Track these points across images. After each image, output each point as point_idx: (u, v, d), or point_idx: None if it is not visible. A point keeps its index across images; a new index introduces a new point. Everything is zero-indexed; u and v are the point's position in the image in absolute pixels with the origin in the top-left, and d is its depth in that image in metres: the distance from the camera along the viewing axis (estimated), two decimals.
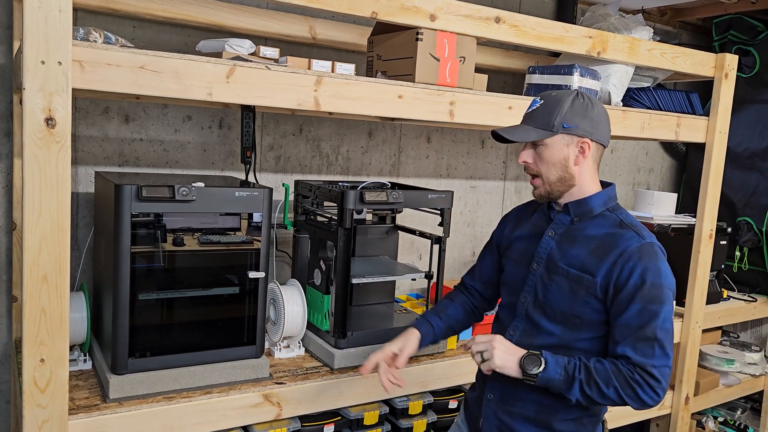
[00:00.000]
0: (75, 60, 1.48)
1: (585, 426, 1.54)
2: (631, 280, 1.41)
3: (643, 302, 1.40)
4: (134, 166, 2.30)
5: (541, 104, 1.51)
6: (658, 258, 1.44)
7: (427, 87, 2.00)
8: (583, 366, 1.42)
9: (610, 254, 1.44)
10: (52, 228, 1.49)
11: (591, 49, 2.34)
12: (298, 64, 1.86)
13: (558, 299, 1.49)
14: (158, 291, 1.80)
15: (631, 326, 1.40)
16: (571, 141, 1.49)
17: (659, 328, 1.39)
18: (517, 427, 1.54)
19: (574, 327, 1.48)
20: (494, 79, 3.16)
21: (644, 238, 1.45)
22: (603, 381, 1.39)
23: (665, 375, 1.39)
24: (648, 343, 1.39)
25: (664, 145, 4.07)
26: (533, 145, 1.51)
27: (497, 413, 1.57)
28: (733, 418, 3.59)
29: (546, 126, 1.48)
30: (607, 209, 1.53)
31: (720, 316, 3.21)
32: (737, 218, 3.63)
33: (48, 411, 1.53)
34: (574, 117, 1.47)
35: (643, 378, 1.38)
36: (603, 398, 1.40)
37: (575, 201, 1.53)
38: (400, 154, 2.95)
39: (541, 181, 1.53)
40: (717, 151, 2.77)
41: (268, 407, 1.88)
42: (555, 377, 1.42)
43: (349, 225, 2.02)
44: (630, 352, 1.39)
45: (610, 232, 1.48)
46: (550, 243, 1.54)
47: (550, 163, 1.50)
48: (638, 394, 1.38)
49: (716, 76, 2.73)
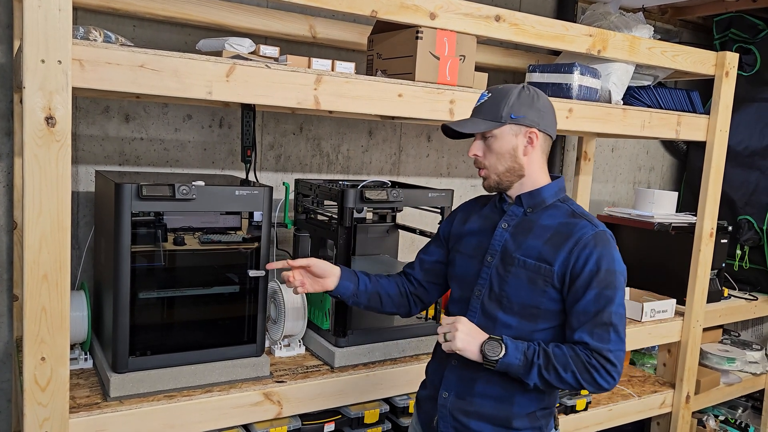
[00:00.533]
0: (75, 59, 1.48)
1: (539, 420, 1.56)
2: (587, 267, 1.44)
3: (599, 288, 1.44)
4: (134, 165, 2.30)
5: (489, 97, 1.53)
6: (611, 245, 1.49)
7: (427, 85, 2.00)
8: (542, 351, 1.45)
9: (566, 243, 1.47)
10: (53, 227, 1.49)
11: (591, 47, 2.34)
12: (298, 63, 1.86)
13: (515, 290, 1.50)
14: (159, 290, 1.81)
15: (587, 312, 1.44)
16: (519, 131, 1.51)
17: (614, 314, 1.44)
18: (473, 426, 1.53)
19: (531, 318, 1.50)
20: (494, 78, 3.16)
21: (597, 227, 1.49)
22: (561, 366, 1.43)
23: (620, 359, 1.44)
24: (604, 328, 1.43)
25: (664, 144, 4.07)
26: (483, 138, 1.53)
27: (453, 412, 1.56)
28: (734, 416, 3.59)
29: (494, 117, 1.50)
30: (558, 200, 1.57)
31: (721, 314, 3.21)
32: (738, 217, 3.63)
33: (49, 409, 1.53)
34: (522, 107, 1.50)
35: (600, 362, 1.42)
36: (561, 382, 1.44)
37: (528, 192, 1.55)
38: (400, 153, 2.95)
39: (488, 172, 1.55)
40: (717, 150, 2.77)
41: (268, 406, 1.88)
42: (514, 362, 1.44)
43: (349, 224, 2.02)
44: (587, 337, 1.43)
45: (564, 221, 1.51)
46: (504, 235, 1.55)
47: (499, 153, 1.52)
48: (595, 378, 1.42)
49: (717, 75, 2.73)
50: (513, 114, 1.49)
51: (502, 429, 1.53)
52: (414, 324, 2.24)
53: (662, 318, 2.86)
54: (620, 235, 3.31)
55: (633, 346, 2.75)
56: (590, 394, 2.65)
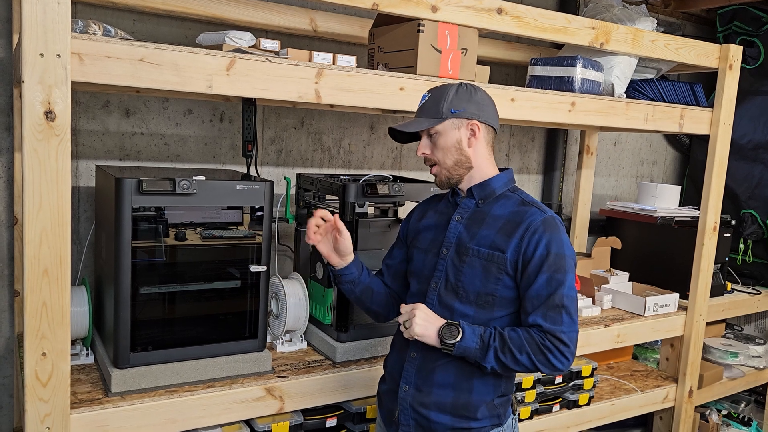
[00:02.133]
0: (74, 52, 1.47)
1: (497, 408, 1.59)
2: (537, 251, 1.49)
3: (550, 272, 1.48)
4: (135, 159, 2.29)
5: (429, 97, 1.59)
6: (560, 230, 1.53)
7: (429, 79, 1.99)
8: (498, 334, 1.49)
9: (517, 230, 1.52)
10: (53, 222, 1.48)
11: (594, 40, 2.32)
12: (298, 57, 1.85)
13: (470, 279, 1.54)
14: (160, 285, 1.80)
15: (540, 296, 1.49)
16: (461, 124, 1.56)
17: (565, 296, 1.48)
18: (434, 417, 1.56)
19: (487, 306, 1.54)
20: (497, 71, 3.14)
21: (545, 213, 1.54)
22: (516, 348, 1.47)
23: (573, 340, 1.49)
24: (557, 310, 1.47)
25: (667, 138, 4.05)
26: (428, 136, 1.59)
27: (413, 405, 1.59)
28: (737, 410, 3.58)
29: (435, 114, 1.56)
30: (508, 190, 1.62)
31: (724, 308, 3.20)
32: (741, 210, 3.61)
33: (50, 405, 1.53)
34: (461, 102, 1.56)
35: (554, 344, 1.46)
36: (516, 364, 1.48)
37: (478, 184, 1.60)
38: (402, 147, 2.93)
39: (439, 168, 1.59)
40: (721, 143, 2.76)
41: (270, 401, 1.87)
42: (471, 346, 1.48)
43: (351, 218, 2.01)
44: (541, 320, 1.48)
45: (514, 210, 1.56)
46: (458, 227, 1.60)
47: (445, 148, 1.57)
48: (549, 359, 1.46)
49: (720, 67, 2.71)
50: (453, 109, 1.55)
51: (461, 419, 1.56)
52: None
53: (665, 312, 2.85)
54: (622, 229, 3.30)
55: (635, 340, 2.74)
56: (593, 389, 2.64)
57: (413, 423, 1.59)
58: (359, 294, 1.74)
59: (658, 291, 2.96)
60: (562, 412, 2.56)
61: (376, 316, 1.81)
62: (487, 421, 1.58)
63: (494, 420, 1.59)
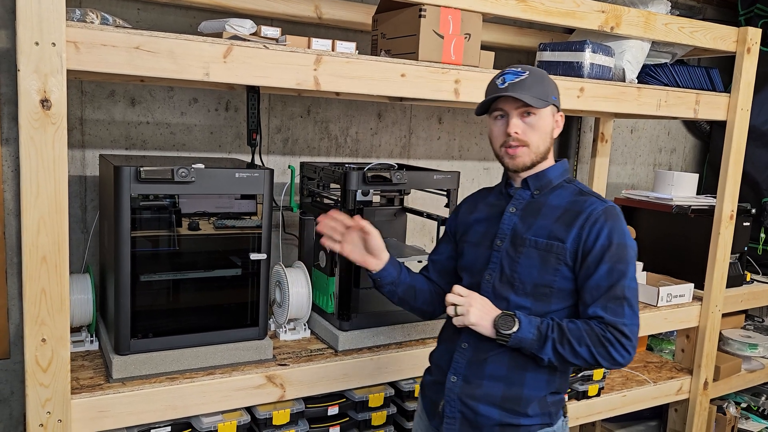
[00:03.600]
0: (70, 41, 1.48)
1: (549, 406, 1.54)
2: (598, 241, 1.45)
3: (611, 262, 1.44)
4: (141, 149, 2.31)
5: (528, 75, 1.51)
6: (621, 220, 1.49)
7: (431, 65, 1.96)
8: (556, 325, 1.44)
9: (577, 219, 1.48)
10: (50, 209, 1.50)
11: (604, 24, 2.26)
12: (297, 43, 1.84)
13: (527, 271, 1.50)
14: (160, 272, 1.81)
15: (601, 287, 1.44)
16: (554, 111, 1.55)
17: (627, 287, 1.44)
18: (482, 410, 1.51)
19: (544, 298, 1.49)
20: (507, 57, 3.09)
21: (606, 203, 1.51)
22: (576, 340, 1.42)
23: (635, 333, 1.44)
24: (618, 302, 1.43)
25: (687, 125, 3.95)
26: (521, 117, 1.51)
27: (461, 396, 1.54)
28: (757, 403, 3.50)
29: (543, 96, 1.50)
30: (564, 181, 1.59)
31: (743, 299, 3.12)
32: (762, 199, 3.52)
33: (50, 390, 1.55)
34: (555, 90, 1.55)
35: (615, 336, 1.41)
36: (575, 357, 1.43)
37: (534, 174, 1.57)
38: (410, 136, 2.91)
39: (527, 150, 1.52)
40: (738, 129, 2.68)
41: (271, 388, 1.88)
42: (528, 336, 1.44)
43: (353, 206, 2.00)
44: (602, 312, 1.43)
45: (572, 200, 1.53)
46: (512, 219, 1.56)
47: (543, 132, 1.53)
48: (610, 352, 1.41)
49: (738, 51, 2.63)
50: (553, 95, 1.53)
51: (510, 414, 1.50)
52: None
53: (679, 303, 2.79)
54: (638, 218, 3.24)
55: (648, 331, 2.69)
56: (603, 380, 2.60)
57: (459, 415, 1.54)
58: (402, 294, 1.68)
59: (673, 281, 2.90)
60: (571, 403, 2.53)
61: (422, 314, 1.75)
62: (538, 419, 1.52)
63: (545, 419, 1.53)
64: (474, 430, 1.53)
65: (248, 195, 1.89)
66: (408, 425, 2.15)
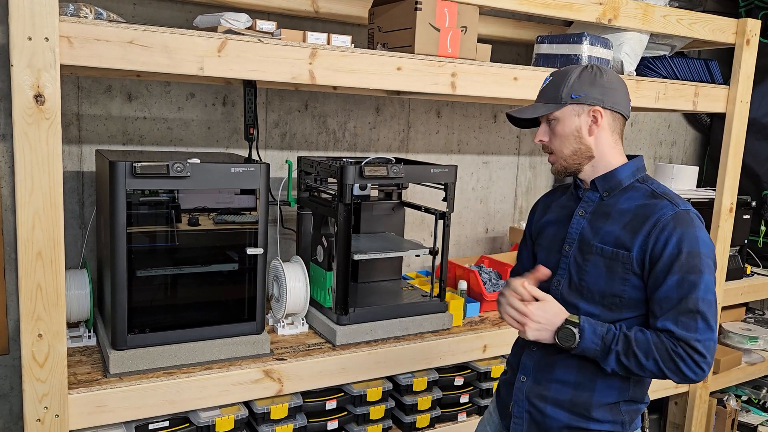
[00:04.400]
0: (63, 36, 1.48)
1: (622, 414, 1.47)
2: (666, 250, 1.35)
3: (681, 273, 1.34)
4: (138, 144, 2.31)
5: (551, 80, 1.49)
6: (695, 225, 1.37)
7: (427, 58, 1.95)
8: (622, 336, 1.37)
9: (644, 226, 1.38)
10: (45, 204, 1.50)
11: (601, 16, 2.25)
12: (292, 37, 1.83)
13: (595, 279, 1.43)
14: (157, 268, 1.81)
15: (670, 299, 1.35)
16: (581, 110, 1.44)
17: (701, 300, 1.33)
18: (549, 412, 1.48)
19: (614, 307, 1.43)
20: (506, 50, 3.08)
21: (678, 206, 1.39)
22: (643, 352, 1.34)
23: (710, 349, 1.34)
24: (690, 316, 1.33)
25: (687, 117, 3.94)
26: (547, 122, 1.48)
27: (529, 397, 1.52)
28: (758, 396, 3.50)
29: (554, 99, 1.45)
30: (636, 180, 1.47)
31: (743, 292, 3.12)
32: (762, 192, 3.50)
33: (47, 385, 1.56)
34: (582, 86, 1.44)
35: (687, 352, 1.32)
36: (642, 370, 1.36)
37: (602, 175, 1.48)
38: (409, 130, 2.90)
39: (555, 157, 1.49)
40: (738, 122, 2.67)
41: (268, 383, 1.88)
42: (591, 347, 1.38)
43: (349, 200, 2.00)
44: (672, 326, 1.34)
45: (642, 203, 1.42)
46: (581, 222, 1.49)
47: (563, 136, 1.46)
48: (681, 368, 1.33)
49: (737, 43, 2.61)
50: (573, 94, 1.43)
51: (579, 418, 1.46)
52: (417, 302, 2.22)
53: None
54: None
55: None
56: None
57: (526, 416, 1.52)
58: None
59: None
60: None
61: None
62: (609, 426, 1.46)
63: (617, 426, 1.47)
64: (541, 431, 1.51)
65: (247, 190, 1.88)
66: (406, 419, 2.15)
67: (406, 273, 2.76)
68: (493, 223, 3.22)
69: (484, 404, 2.33)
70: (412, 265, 2.93)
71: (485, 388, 2.32)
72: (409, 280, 2.55)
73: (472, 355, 2.26)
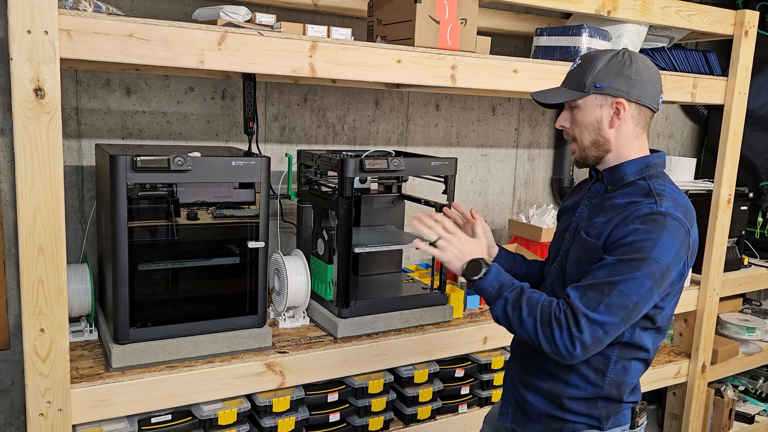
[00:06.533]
0: (62, 29, 1.47)
1: (599, 410, 1.45)
2: (621, 238, 1.31)
3: (617, 258, 1.29)
4: (137, 138, 2.30)
5: (578, 64, 1.43)
6: (665, 229, 1.29)
7: (427, 51, 1.95)
8: (518, 289, 1.37)
9: (617, 218, 1.35)
10: (46, 198, 1.49)
11: (601, 7, 2.25)
12: (292, 30, 1.82)
13: (572, 268, 1.44)
14: (158, 262, 1.81)
15: (595, 275, 1.31)
16: (604, 102, 1.39)
17: (618, 291, 1.27)
18: (529, 398, 1.52)
19: None
20: (505, 43, 3.08)
21: (659, 207, 1.31)
22: (528, 308, 1.32)
23: (593, 332, 1.27)
24: (598, 296, 1.28)
25: (684, 109, 3.94)
26: (570, 108, 1.44)
27: (515, 382, 1.56)
28: (755, 386, 3.52)
29: (577, 86, 1.40)
30: (642, 178, 1.41)
31: (740, 283, 3.13)
32: (760, 183, 3.52)
33: (50, 379, 1.56)
34: (608, 76, 1.37)
35: (568, 322, 1.28)
36: (520, 326, 1.33)
37: (608, 168, 1.45)
38: (408, 123, 2.90)
39: (576, 146, 1.46)
40: (736, 113, 2.67)
41: (270, 376, 1.88)
42: (488, 288, 1.39)
43: (350, 193, 2.00)
44: (574, 292, 1.31)
45: (632, 200, 1.37)
46: (583, 212, 1.49)
47: (583, 125, 1.42)
48: (554, 334, 1.29)
49: (735, 34, 2.62)
50: (598, 83, 1.38)
51: (555, 407, 1.48)
52: (417, 294, 2.22)
53: None
54: None
55: None
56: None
57: (512, 399, 1.57)
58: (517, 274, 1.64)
59: None
60: None
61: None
62: (585, 419, 1.45)
63: (593, 421, 1.45)
64: (524, 416, 1.54)
65: (247, 184, 1.88)
66: (407, 411, 2.16)
67: (406, 266, 2.76)
68: (492, 215, 3.23)
69: (485, 396, 2.34)
70: (411, 258, 2.94)
71: (486, 379, 2.33)
72: (409, 273, 2.55)
73: (473, 347, 2.27)
